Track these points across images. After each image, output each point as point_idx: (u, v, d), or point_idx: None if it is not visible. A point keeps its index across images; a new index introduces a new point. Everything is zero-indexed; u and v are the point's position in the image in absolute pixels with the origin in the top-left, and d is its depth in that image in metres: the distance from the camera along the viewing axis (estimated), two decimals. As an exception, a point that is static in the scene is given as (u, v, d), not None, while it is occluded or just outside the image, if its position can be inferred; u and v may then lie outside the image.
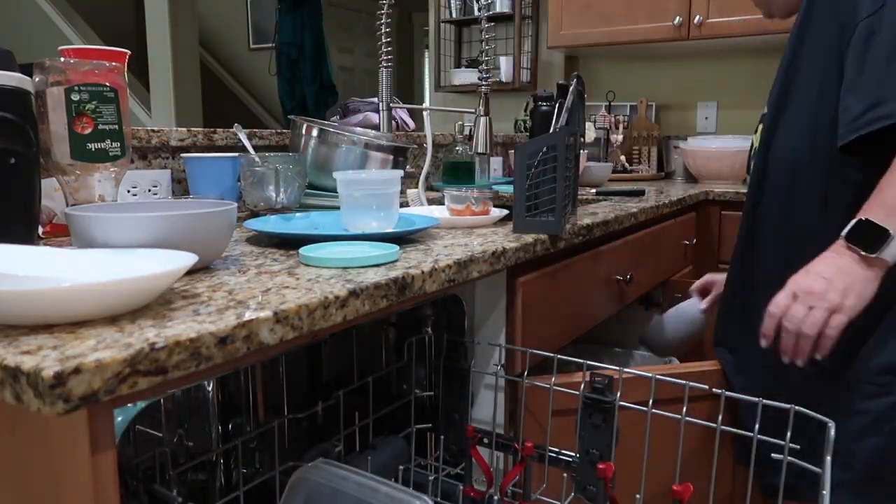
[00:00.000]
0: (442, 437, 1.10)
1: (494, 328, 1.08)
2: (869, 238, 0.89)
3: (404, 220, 1.05)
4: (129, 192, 1.19)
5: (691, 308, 1.40)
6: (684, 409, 0.84)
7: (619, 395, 0.91)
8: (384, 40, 1.54)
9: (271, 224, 0.98)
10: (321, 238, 0.89)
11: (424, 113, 1.50)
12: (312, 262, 0.78)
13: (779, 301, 0.95)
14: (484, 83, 1.50)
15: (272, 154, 1.14)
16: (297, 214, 1.09)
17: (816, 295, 0.91)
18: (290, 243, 0.94)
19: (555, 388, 0.96)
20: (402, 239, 0.92)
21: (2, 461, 0.53)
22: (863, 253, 0.89)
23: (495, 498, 0.99)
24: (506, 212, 1.18)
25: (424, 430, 1.16)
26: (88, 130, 0.81)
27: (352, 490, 0.79)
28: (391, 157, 1.24)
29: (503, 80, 3.30)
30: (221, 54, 6.11)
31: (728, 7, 2.38)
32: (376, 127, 1.67)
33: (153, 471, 0.83)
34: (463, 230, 1.09)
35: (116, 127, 0.84)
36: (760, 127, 1.13)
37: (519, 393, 1.04)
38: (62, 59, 0.87)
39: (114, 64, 0.85)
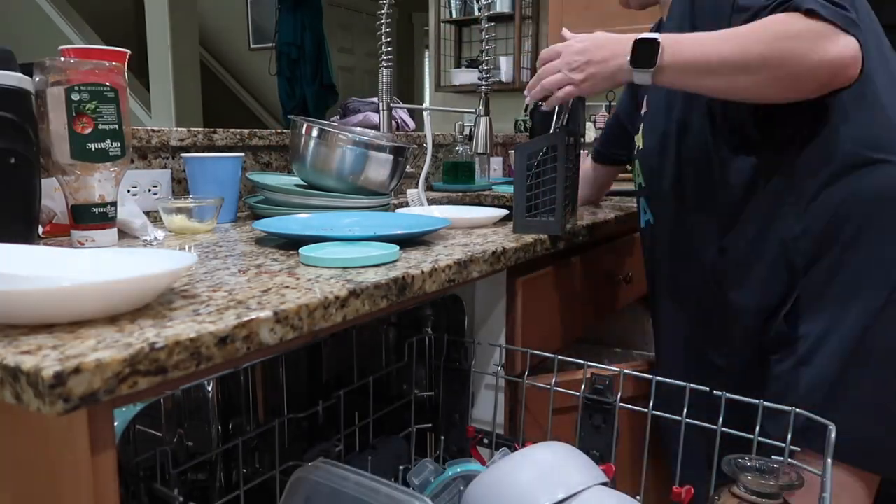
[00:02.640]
0: (442, 437, 1.10)
1: (494, 328, 1.08)
2: (647, 53, 0.89)
3: (412, 221, 1.05)
4: (129, 191, 1.19)
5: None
6: (685, 410, 0.84)
7: (619, 395, 0.91)
8: (384, 40, 1.54)
9: (276, 225, 0.99)
10: (323, 238, 0.89)
11: (424, 113, 1.50)
12: (312, 262, 0.78)
13: (548, 49, 1.00)
14: (484, 83, 1.50)
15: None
16: (299, 215, 1.09)
17: (573, 58, 0.95)
18: (290, 243, 0.94)
19: (555, 388, 0.96)
20: (402, 239, 0.92)
21: (2, 461, 0.53)
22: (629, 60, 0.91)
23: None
24: (505, 212, 1.18)
25: (424, 430, 1.16)
26: (88, 130, 0.81)
27: (352, 490, 0.79)
28: (391, 157, 1.24)
29: (503, 80, 3.30)
30: (221, 54, 6.11)
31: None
32: (376, 127, 1.67)
33: (153, 470, 0.83)
34: (463, 230, 1.09)
35: (116, 127, 0.84)
36: None
37: (519, 393, 1.04)
38: (62, 58, 0.87)
39: (114, 64, 0.85)
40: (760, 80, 0.85)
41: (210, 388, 1.01)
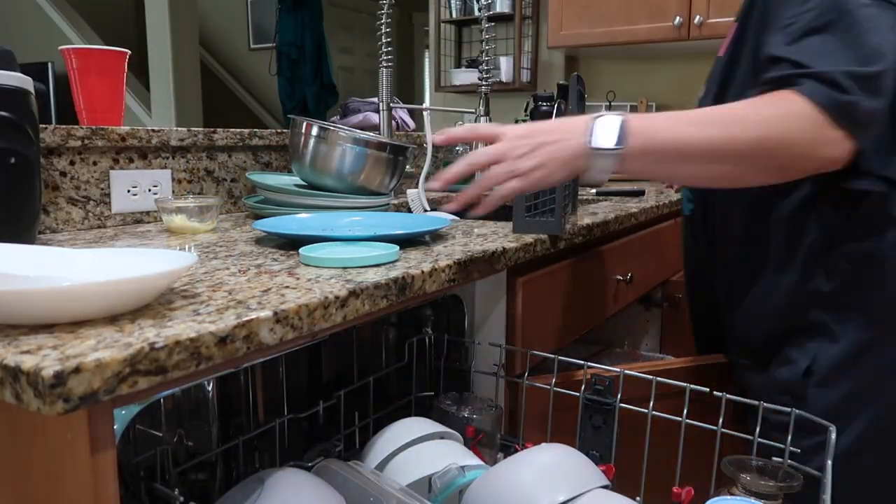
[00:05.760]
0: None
1: (494, 328, 1.08)
2: (612, 132, 0.75)
3: (412, 221, 1.05)
4: (129, 191, 1.19)
5: None
6: (685, 411, 0.84)
7: (619, 396, 0.91)
8: (384, 40, 1.54)
9: (276, 225, 0.99)
10: (323, 238, 0.89)
11: (424, 113, 1.50)
12: (312, 262, 0.78)
13: (484, 131, 0.83)
14: (484, 83, 1.50)
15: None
16: (299, 215, 1.09)
17: (518, 143, 0.77)
18: (290, 243, 0.94)
19: (555, 388, 0.96)
20: (402, 239, 0.92)
21: (2, 461, 0.53)
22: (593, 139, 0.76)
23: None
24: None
25: (424, 431, 1.16)
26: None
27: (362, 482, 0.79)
28: (391, 156, 1.24)
29: (503, 80, 3.30)
30: (221, 54, 6.11)
31: (728, 7, 2.38)
32: (376, 127, 1.67)
33: (153, 470, 0.83)
34: (463, 230, 1.09)
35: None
36: None
37: (519, 393, 1.04)
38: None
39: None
40: (743, 171, 0.77)
41: (210, 388, 1.01)
